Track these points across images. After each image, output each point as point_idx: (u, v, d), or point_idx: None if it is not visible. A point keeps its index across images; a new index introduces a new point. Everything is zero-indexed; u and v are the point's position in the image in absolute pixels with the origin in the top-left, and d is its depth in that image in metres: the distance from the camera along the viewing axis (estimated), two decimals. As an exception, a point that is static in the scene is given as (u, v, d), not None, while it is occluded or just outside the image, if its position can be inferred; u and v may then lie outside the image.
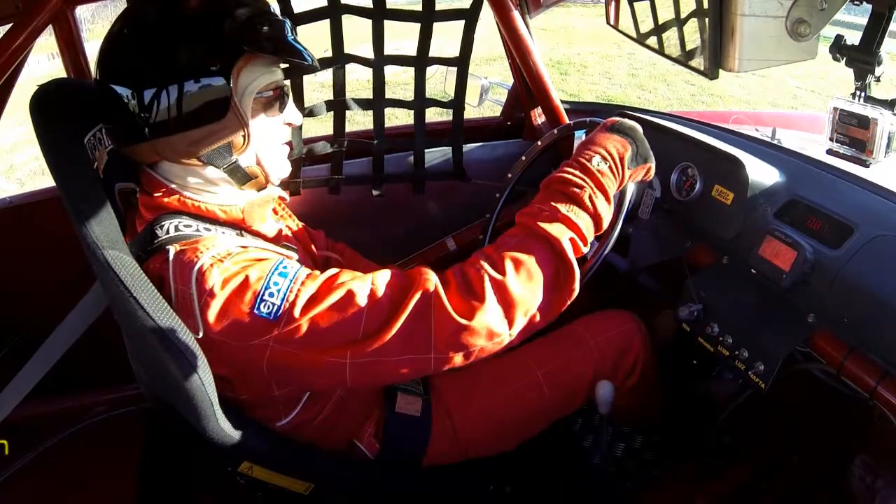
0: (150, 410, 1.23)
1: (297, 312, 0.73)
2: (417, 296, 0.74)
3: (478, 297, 0.75)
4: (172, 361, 0.72)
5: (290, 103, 0.89)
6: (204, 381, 0.74)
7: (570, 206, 0.81)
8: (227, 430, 0.79)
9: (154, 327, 0.71)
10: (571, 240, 0.80)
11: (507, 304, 0.76)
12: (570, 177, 0.83)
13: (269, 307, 0.73)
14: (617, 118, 0.91)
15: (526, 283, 0.77)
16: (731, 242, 1.09)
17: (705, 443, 1.24)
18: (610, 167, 0.85)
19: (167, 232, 0.80)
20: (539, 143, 1.22)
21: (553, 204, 0.81)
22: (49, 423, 1.22)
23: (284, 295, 0.73)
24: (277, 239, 0.94)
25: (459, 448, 1.01)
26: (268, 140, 0.87)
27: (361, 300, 0.74)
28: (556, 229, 0.79)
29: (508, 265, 0.76)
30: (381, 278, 0.77)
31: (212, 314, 0.73)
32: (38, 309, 1.15)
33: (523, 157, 1.24)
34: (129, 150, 0.83)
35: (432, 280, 0.76)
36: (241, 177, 0.86)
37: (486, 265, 0.77)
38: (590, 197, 0.82)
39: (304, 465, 0.92)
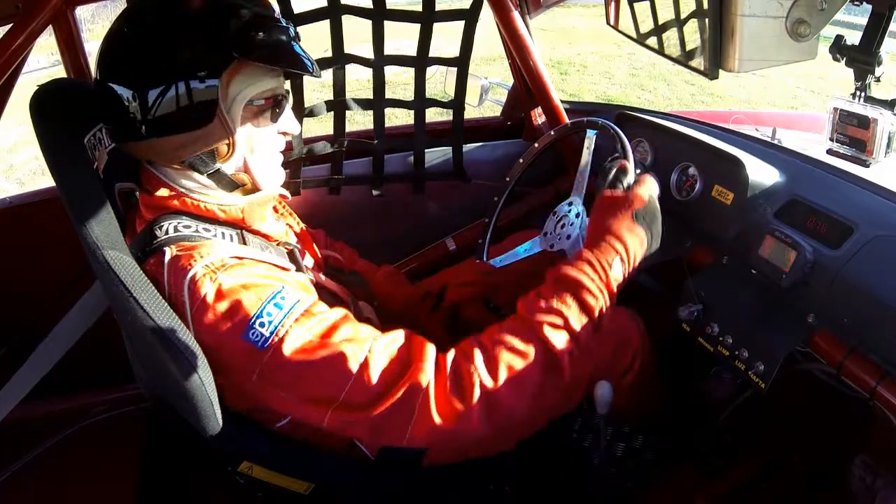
0: (150, 410, 1.24)
1: (285, 349, 0.73)
2: (407, 387, 0.74)
3: (465, 400, 0.75)
4: (172, 361, 0.72)
5: (288, 111, 0.88)
6: (204, 381, 0.74)
7: (581, 314, 0.80)
8: (227, 430, 0.79)
9: (154, 327, 0.71)
10: (570, 343, 0.79)
11: (492, 409, 0.76)
12: (586, 281, 0.81)
13: (257, 336, 0.72)
14: (646, 196, 0.89)
15: (516, 391, 0.77)
16: (731, 242, 1.09)
17: (705, 443, 1.24)
18: (625, 271, 0.84)
19: (166, 232, 0.79)
20: (536, 144, 1.23)
21: (563, 309, 0.79)
22: (49, 423, 1.22)
23: (275, 328, 0.73)
24: (278, 238, 0.94)
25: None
26: (258, 149, 0.85)
27: (353, 366, 0.74)
28: (560, 339, 0.78)
29: (502, 371, 0.76)
30: (378, 351, 0.76)
31: (203, 325, 0.74)
32: (38, 309, 1.15)
33: (521, 160, 1.24)
34: (127, 148, 0.83)
35: (427, 373, 0.75)
36: (226, 183, 0.85)
37: (480, 365, 0.76)
38: (601, 309, 0.81)
39: (304, 465, 0.92)
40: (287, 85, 0.89)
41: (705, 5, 1.02)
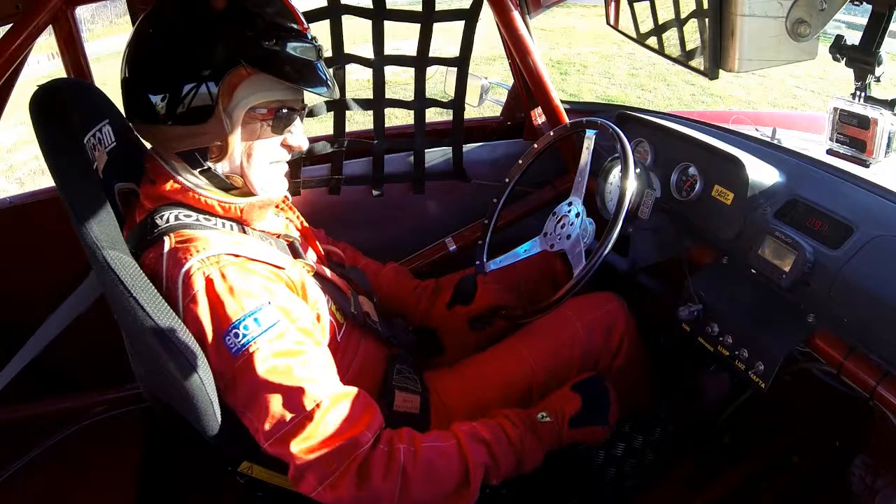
0: (150, 410, 1.23)
1: (253, 364, 0.75)
2: (346, 441, 0.78)
3: (389, 474, 0.79)
4: (172, 361, 0.72)
5: (297, 125, 0.88)
6: (204, 380, 0.74)
7: (501, 437, 0.89)
8: (227, 430, 0.79)
9: (154, 327, 0.71)
10: (486, 458, 0.86)
11: (405, 492, 0.80)
12: (511, 417, 0.92)
13: (231, 342, 0.75)
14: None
15: (429, 483, 0.82)
16: (731, 242, 1.09)
17: (705, 443, 1.24)
18: (554, 426, 0.94)
19: (166, 221, 0.81)
20: (536, 144, 1.23)
21: (485, 430, 0.88)
22: (49, 423, 1.22)
23: (249, 341, 0.76)
24: (278, 232, 0.95)
25: None
26: (255, 156, 0.86)
27: (307, 404, 0.77)
28: (478, 453, 0.85)
29: (423, 461, 0.82)
30: (332, 400, 0.79)
31: (190, 318, 0.76)
32: (38, 309, 1.15)
33: (520, 161, 1.24)
34: (136, 127, 0.86)
35: (369, 436, 0.79)
36: (218, 182, 0.87)
37: (408, 449, 0.82)
38: (520, 437, 0.90)
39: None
40: (300, 103, 0.89)
41: (705, 5, 1.02)
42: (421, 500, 0.82)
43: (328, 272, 0.99)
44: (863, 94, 0.88)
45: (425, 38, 1.39)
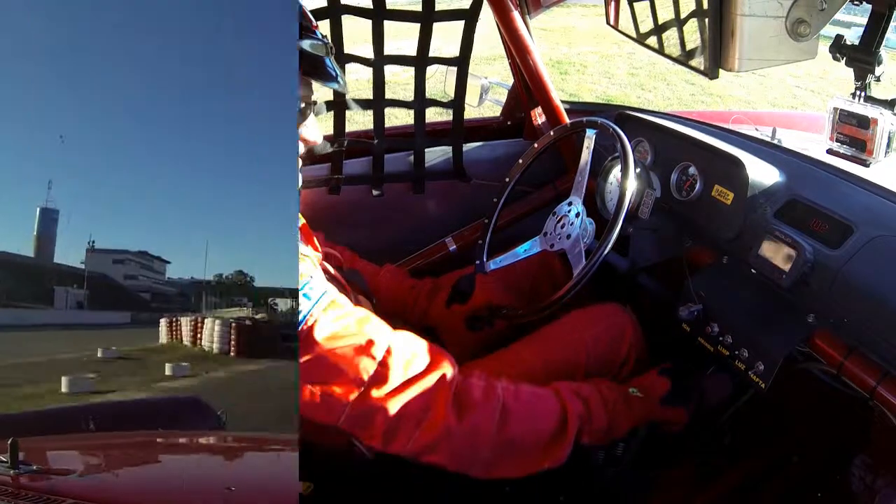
0: (151, 410, 1.23)
1: (314, 336, 0.75)
2: (430, 378, 0.78)
3: (486, 403, 0.79)
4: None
5: (311, 119, 0.91)
6: None
7: (597, 395, 0.91)
8: None
9: None
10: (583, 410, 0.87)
11: (503, 427, 0.80)
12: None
13: None
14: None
15: (527, 420, 0.83)
16: (731, 242, 1.09)
17: (705, 443, 1.24)
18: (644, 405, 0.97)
19: None
20: (536, 144, 1.23)
21: (582, 387, 0.91)
22: (49, 423, 1.22)
23: (304, 317, 0.75)
24: None
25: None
26: None
27: (377, 353, 0.77)
28: (576, 404, 0.86)
29: (522, 400, 0.83)
30: (401, 343, 0.80)
31: None
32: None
33: (520, 161, 1.24)
34: None
35: (450, 368, 0.80)
36: None
37: (505, 385, 0.83)
38: (616, 401, 0.92)
39: (303, 465, 0.92)
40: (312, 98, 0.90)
41: (705, 5, 1.02)
42: (517, 440, 0.82)
43: (331, 269, 0.99)
44: (863, 94, 0.88)
45: (425, 38, 1.38)
